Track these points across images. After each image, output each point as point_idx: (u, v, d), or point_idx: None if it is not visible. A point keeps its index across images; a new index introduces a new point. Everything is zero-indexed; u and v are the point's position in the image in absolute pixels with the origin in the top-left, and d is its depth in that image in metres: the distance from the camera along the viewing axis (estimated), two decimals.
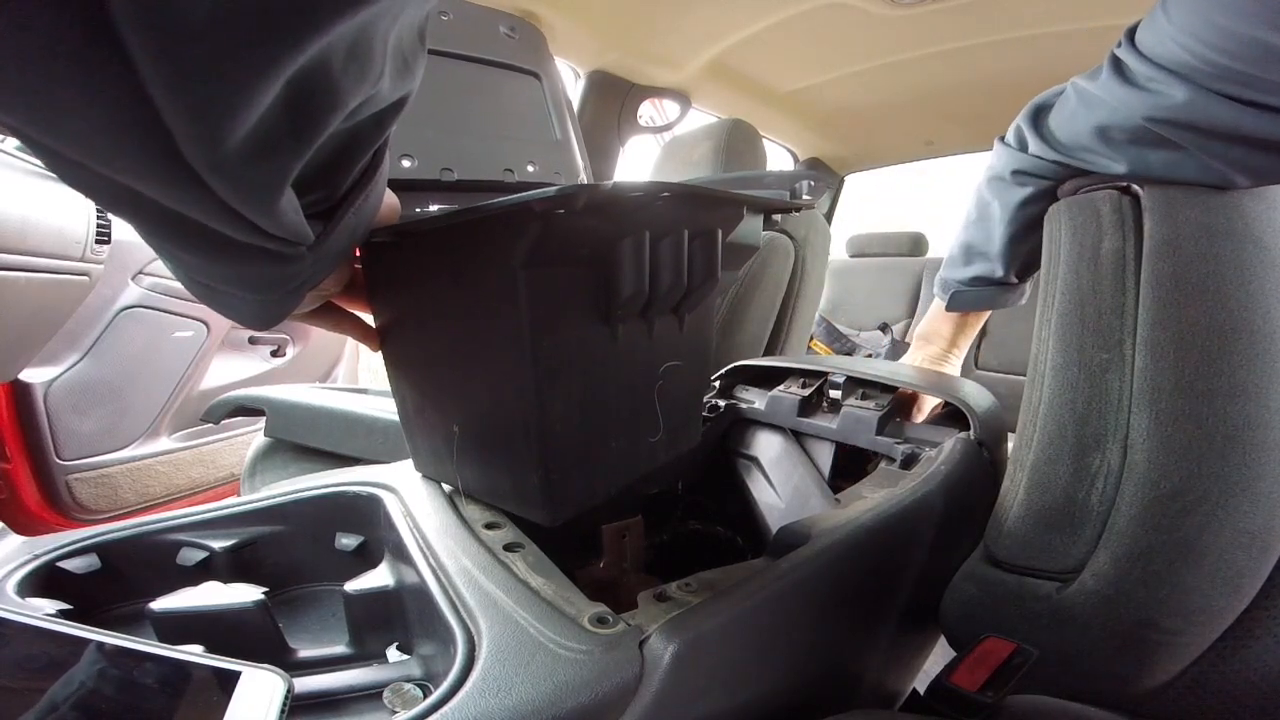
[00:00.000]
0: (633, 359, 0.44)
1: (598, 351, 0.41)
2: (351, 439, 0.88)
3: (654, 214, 0.38)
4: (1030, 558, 0.48)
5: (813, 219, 1.29)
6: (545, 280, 0.36)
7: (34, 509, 1.23)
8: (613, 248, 0.38)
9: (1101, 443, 0.43)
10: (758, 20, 1.28)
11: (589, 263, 0.38)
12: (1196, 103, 0.39)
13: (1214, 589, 0.42)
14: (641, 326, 0.44)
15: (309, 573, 0.49)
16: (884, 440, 0.64)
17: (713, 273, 0.44)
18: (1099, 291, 0.45)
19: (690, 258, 0.42)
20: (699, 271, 0.43)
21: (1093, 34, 1.19)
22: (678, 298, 0.44)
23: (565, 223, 0.33)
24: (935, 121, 1.77)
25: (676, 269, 0.41)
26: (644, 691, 0.32)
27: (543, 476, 0.40)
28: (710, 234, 0.43)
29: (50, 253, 1.03)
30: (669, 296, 0.43)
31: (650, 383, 0.47)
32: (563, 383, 0.39)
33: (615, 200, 0.34)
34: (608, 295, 0.39)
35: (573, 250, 0.36)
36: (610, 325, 0.41)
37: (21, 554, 0.39)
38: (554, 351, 0.37)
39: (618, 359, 0.43)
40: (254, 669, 0.25)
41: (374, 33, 0.19)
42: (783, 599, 0.40)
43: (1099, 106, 0.46)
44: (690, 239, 0.41)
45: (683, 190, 0.35)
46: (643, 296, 0.40)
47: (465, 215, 0.32)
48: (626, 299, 0.39)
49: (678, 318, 0.47)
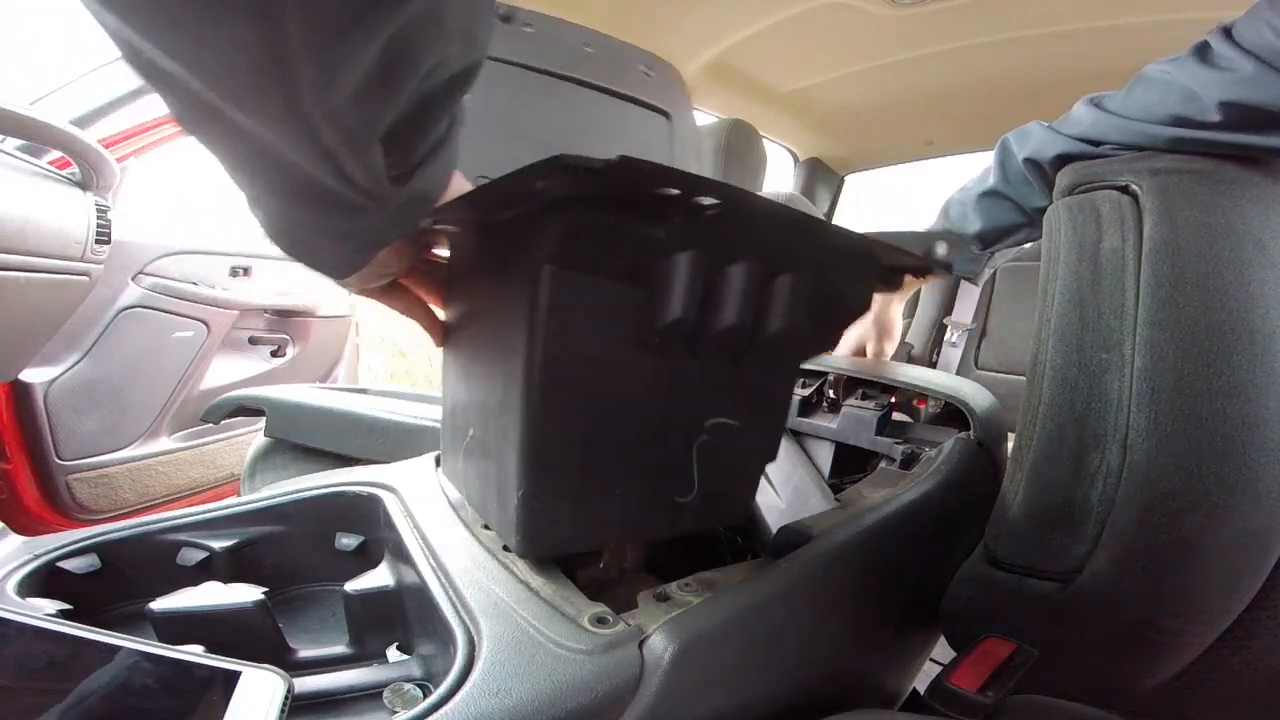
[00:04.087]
0: (665, 401, 0.38)
1: (619, 380, 0.36)
2: (351, 439, 0.88)
3: (722, 233, 0.32)
4: (1030, 558, 0.48)
5: None
6: (572, 284, 0.32)
7: (34, 509, 1.23)
8: (662, 260, 0.33)
9: (1101, 443, 0.43)
10: (758, 20, 1.27)
11: (632, 276, 0.33)
12: (1260, 78, 0.41)
13: (1214, 589, 0.42)
14: (686, 366, 0.37)
15: (309, 573, 0.49)
16: (884, 440, 0.64)
17: (794, 323, 0.36)
18: (1099, 291, 0.45)
19: (769, 298, 0.35)
20: (776, 317, 0.36)
21: (1093, 34, 1.19)
22: (740, 341, 0.36)
23: (599, 217, 0.29)
24: (935, 121, 1.77)
25: (743, 306, 0.34)
26: (644, 691, 0.32)
27: (523, 501, 0.36)
28: (804, 275, 0.36)
29: (50, 253, 1.03)
30: (727, 336, 0.35)
31: (689, 435, 0.40)
32: (564, 403, 0.34)
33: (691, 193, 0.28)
34: (646, 316, 0.34)
35: (613, 257, 0.32)
36: (642, 353, 0.35)
37: (21, 554, 0.39)
38: (561, 366, 0.33)
39: (644, 395, 0.37)
40: (254, 669, 0.25)
41: (447, 2, 0.22)
42: (783, 599, 0.40)
43: (1175, 88, 0.46)
44: (774, 274, 0.35)
45: (764, 206, 0.30)
46: (686, 327, 0.34)
47: (495, 185, 0.27)
48: (666, 326, 0.34)
49: (739, 366, 0.39)
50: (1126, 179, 0.46)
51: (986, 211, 0.64)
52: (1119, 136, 0.49)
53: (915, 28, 1.27)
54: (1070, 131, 0.53)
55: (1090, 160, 0.51)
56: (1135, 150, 0.48)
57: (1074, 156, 0.52)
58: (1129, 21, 1.13)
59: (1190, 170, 0.44)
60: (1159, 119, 0.46)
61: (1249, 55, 0.42)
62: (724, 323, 0.35)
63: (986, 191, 0.63)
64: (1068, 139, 0.53)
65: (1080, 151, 0.52)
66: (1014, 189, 0.61)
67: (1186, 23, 1.08)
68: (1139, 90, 0.49)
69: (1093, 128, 0.51)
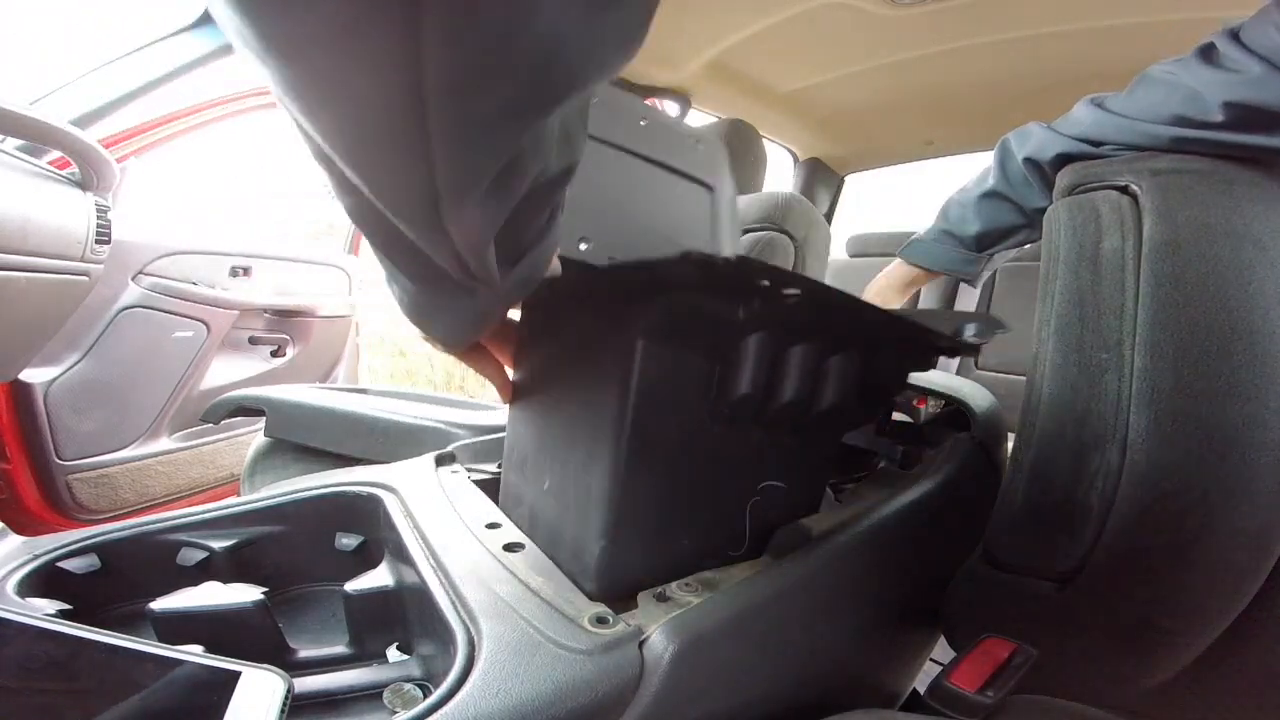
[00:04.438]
0: (728, 465, 0.42)
1: (693, 446, 0.40)
2: (351, 439, 0.88)
3: (789, 317, 0.36)
4: (1030, 558, 0.48)
5: (812, 218, 1.29)
6: (662, 359, 0.36)
7: (34, 509, 1.23)
8: (735, 340, 0.37)
9: (1101, 443, 0.43)
10: (758, 20, 1.27)
11: (711, 354, 0.37)
12: (1267, 79, 0.41)
13: (1213, 589, 0.42)
14: (748, 435, 0.42)
15: (309, 573, 0.49)
16: (884, 440, 0.64)
17: (844, 399, 0.40)
18: (1098, 292, 0.45)
19: (823, 375, 0.39)
20: (829, 393, 0.40)
21: (1093, 34, 1.19)
22: (796, 414, 0.40)
23: (693, 300, 0.33)
24: (935, 121, 1.77)
25: (802, 383, 0.38)
26: (644, 691, 0.32)
27: (603, 550, 0.38)
28: (853, 355, 0.40)
29: (50, 253, 1.03)
30: (786, 410, 0.39)
31: (744, 496, 0.44)
32: (646, 466, 0.38)
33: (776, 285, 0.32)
34: (722, 390, 0.38)
35: (695, 334, 0.36)
36: (713, 422, 0.39)
37: (21, 554, 0.39)
38: (647, 432, 0.37)
39: (711, 460, 0.41)
40: (254, 669, 0.25)
41: (552, 121, 0.24)
42: (783, 599, 0.40)
43: (1178, 88, 0.46)
44: (829, 354, 0.39)
45: (849, 303, 0.33)
46: (754, 401, 0.38)
47: (612, 270, 0.33)
48: (738, 401, 0.38)
49: (795, 436, 0.44)
50: (1126, 179, 0.46)
51: (986, 212, 0.64)
52: (1120, 136, 0.49)
53: (915, 28, 1.27)
54: (1071, 132, 0.53)
55: (1090, 160, 0.51)
56: (1136, 150, 0.48)
57: (1074, 156, 0.52)
58: (1129, 21, 1.13)
59: (1190, 170, 0.44)
60: (1162, 119, 0.46)
61: (1256, 57, 0.42)
62: (785, 398, 0.38)
63: (986, 192, 0.63)
64: (1068, 139, 0.53)
65: (1080, 151, 0.52)
66: (1014, 190, 0.61)
67: (1187, 23, 1.08)
68: (1141, 90, 0.49)
69: (1093, 128, 0.51)
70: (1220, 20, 0.45)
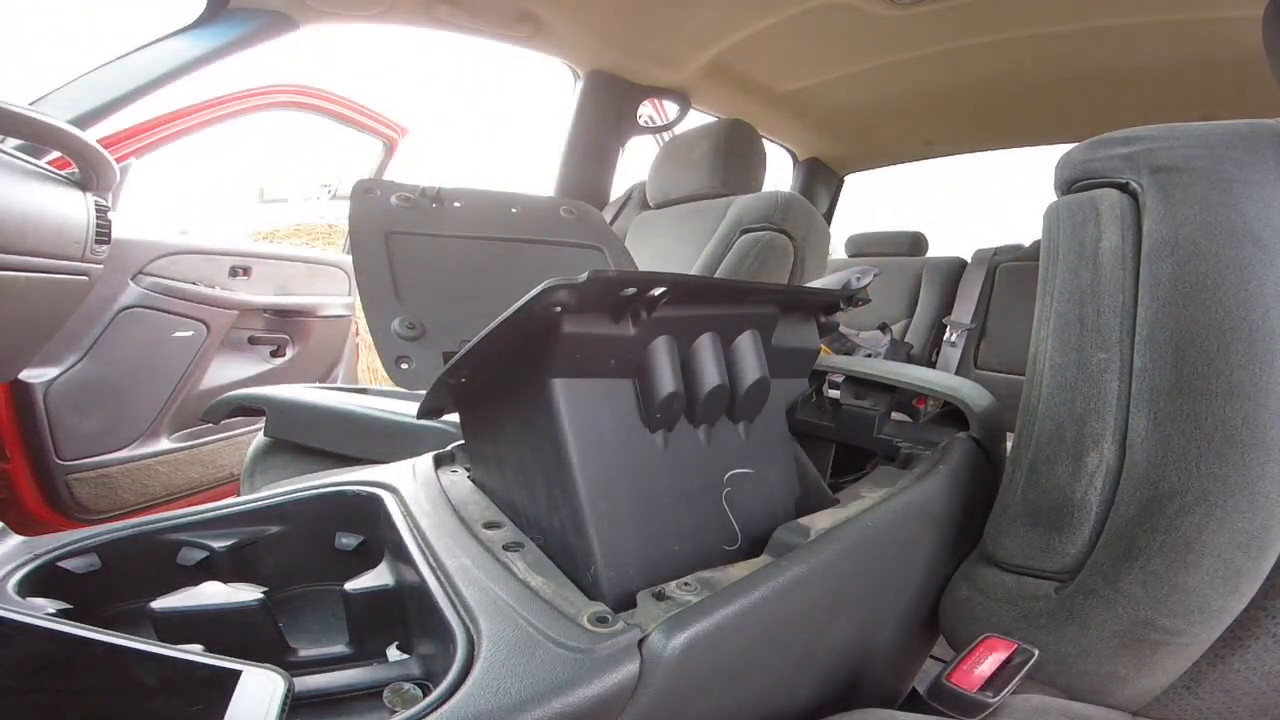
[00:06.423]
0: (684, 466, 0.44)
1: (640, 455, 0.42)
2: (351, 439, 0.88)
3: (680, 317, 0.39)
4: (1029, 558, 0.48)
5: (812, 218, 1.29)
6: (577, 390, 0.38)
7: (34, 509, 1.23)
8: (642, 353, 0.39)
9: (1100, 442, 0.43)
10: (758, 20, 1.27)
11: (623, 371, 0.40)
12: None
13: (1212, 589, 0.42)
14: (693, 433, 0.45)
15: (309, 573, 0.49)
16: (884, 440, 0.64)
17: (764, 372, 0.43)
18: (1098, 291, 0.45)
19: (735, 357, 0.42)
20: (744, 375, 0.43)
21: (1093, 34, 1.19)
22: (725, 400, 0.43)
23: (583, 329, 0.36)
24: (935, 121, 1.77)
25: (718, 369, 0.41)
26: (643, 690, 0.32)
27: (599, 571, 0.40)
28: (756, 331, 0.43)
29: (50, 253, 1.02)
30: (715, 402, 0.43)
31: (714, 490, 0.46)
32: (605, 485, 0.40)
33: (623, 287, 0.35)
34: (644, 399, 0.41)
35: (603, 360, 0.39)
36: (652, 429, 0.42)
37: (21, 554, 0.39)
38: (593, 455, 0.39)
39: (665, 463, 0.43)
40: (254, 669, 0.25)
41: None
42: (782, 599, 0.40)
43: None
44: (727, 340, 0.42)
45: (702, 283, 0.37)
46: (680, 401, 0.41)
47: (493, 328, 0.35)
48: (661, 403, 0.40)
49: (738, 425, 0.47)
50: (1126, 176, 0.46)
51: None
52: None
53: (915, 28, 1.27)
54: None
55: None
56: None
57: None
58: (1129, 21, 1.13)
59: (1190, 169, 0.44)
60: None
61: None
62: (707, 386, 0.41)
63: None
64: None
65: None
66: None
67: (1188, 23, 1.08)
68: None
69: None
70: (1220, 20, 0.45)
